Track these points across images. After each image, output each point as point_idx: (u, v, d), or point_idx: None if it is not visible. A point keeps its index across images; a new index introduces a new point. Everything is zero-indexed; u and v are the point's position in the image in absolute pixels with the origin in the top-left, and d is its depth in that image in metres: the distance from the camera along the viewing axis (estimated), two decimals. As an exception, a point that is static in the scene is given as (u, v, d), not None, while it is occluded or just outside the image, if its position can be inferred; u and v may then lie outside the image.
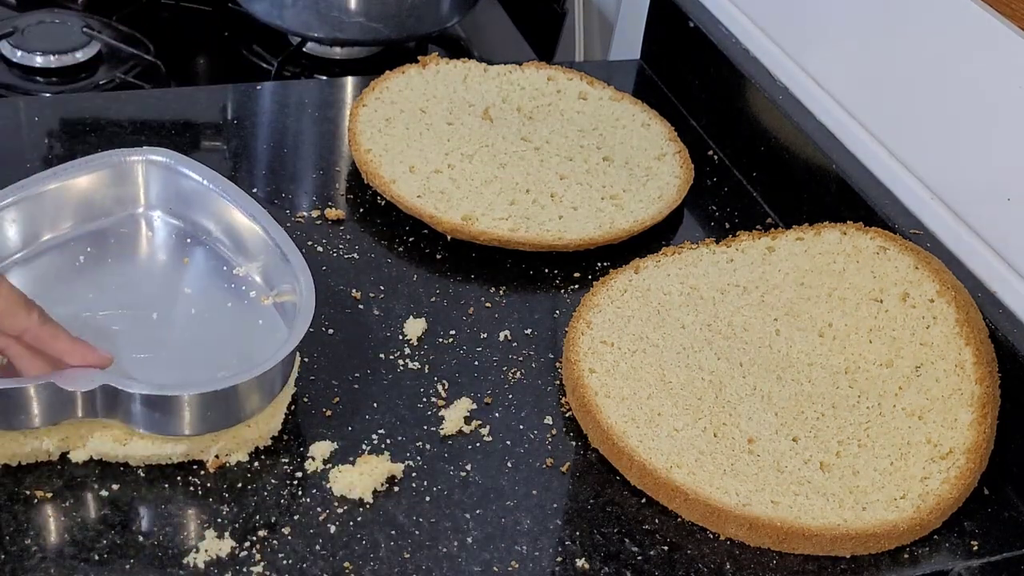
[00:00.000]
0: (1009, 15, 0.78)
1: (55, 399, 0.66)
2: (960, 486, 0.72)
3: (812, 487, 0.72)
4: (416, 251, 0.89)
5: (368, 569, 0.66)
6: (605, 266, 0.90)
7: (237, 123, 1.01)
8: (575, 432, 0.76)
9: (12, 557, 0.64)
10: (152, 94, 1.11)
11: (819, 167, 0.93)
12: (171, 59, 1.26)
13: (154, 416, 0.68)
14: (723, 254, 0.86)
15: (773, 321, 0.81)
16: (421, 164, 0.94)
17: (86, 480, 0.69)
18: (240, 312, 0.78)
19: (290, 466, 0.71)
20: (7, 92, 1.19)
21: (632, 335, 0.80)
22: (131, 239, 0.82)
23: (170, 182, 0.82)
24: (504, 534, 0.69)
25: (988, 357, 0.76)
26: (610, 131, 1.01)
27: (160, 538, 0.66)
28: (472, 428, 0.76)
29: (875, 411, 0.76)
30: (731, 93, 1.03)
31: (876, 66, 0.91)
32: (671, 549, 0.70)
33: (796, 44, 1.00)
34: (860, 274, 0.83)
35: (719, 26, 1.07)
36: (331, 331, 0.81)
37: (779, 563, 0.70)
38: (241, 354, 0.75)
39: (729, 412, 0.75)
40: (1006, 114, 0.79)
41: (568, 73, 1.07)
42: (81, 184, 0.80)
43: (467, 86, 1.04)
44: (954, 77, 0.83)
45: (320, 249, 0.88)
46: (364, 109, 0.98)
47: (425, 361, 0.80)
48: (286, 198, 0.93)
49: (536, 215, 0.90)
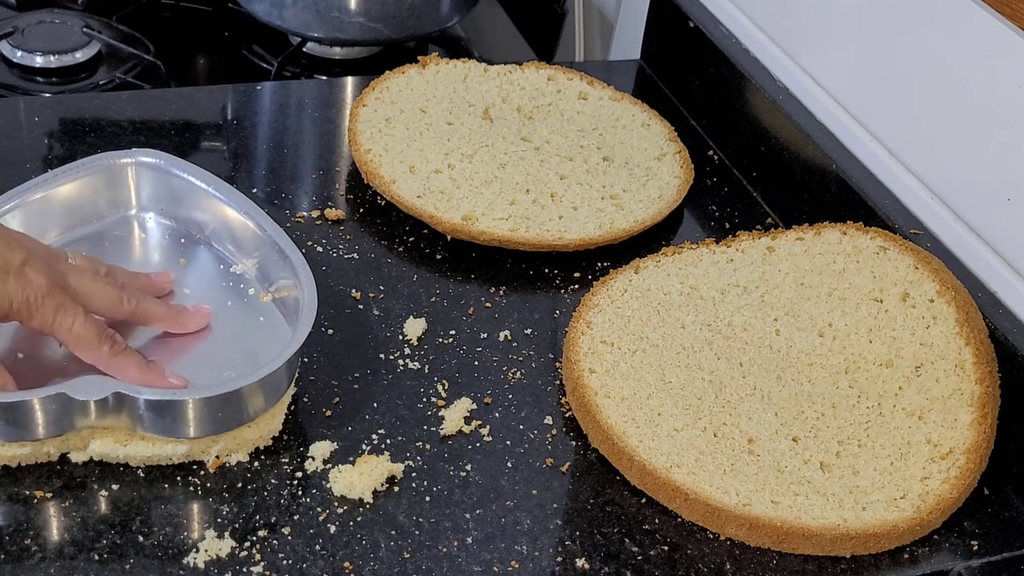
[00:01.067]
0: (1009, 15, 0.78)
1: (65, 409, 0.67)
2: (960, 486, 0.72)
3: (812, 487, 0.72)
4: (416, 251, 0.89)
5: (368, 569, 0.66)
6: (605, 266, 0.90)
7: (237, 123, 1.01)
8: (575, 432, 0.76)
9: (12, 557, 0.64)
10: (152, 94, 1.11)
11: (819, 167, 0.93)
12: (171, 59, 1.26)
13: (161, 420, 0.68)
14: (723, 254, 0.86)
15: (773, 321, 0.81)
16: (421, 164, 0.94)
17: (86, 480, 0.69)
18: (241, 310, 0.78)
19: (290, 466, 0.71)
20: (7, 92, 1.19)
21: (632, 335, 0.80)
22: (125, 241, 0.82)
23: (161, 183, 0.82)
24: (504, 534, 0.69)
25: (988, 357, 0.76)
26: (610, 131, 1.01)
27: (160, 538, 0.66)
28: (472, 428, 0.76)
29: (875, 411, 0.76)
30: (731, 93, 1.03)
31: (876, 66, 0.91)
32: (671, 549, 0.70)
33: (796, 44, 1.00)
34: (860, 274, 0.83)
35: (719, 26, 1.07)
36: (331, 331, 0.81)
37: (779, 563, 0.70)
38: (245, 352, 0.75)
39: (729, 412, 0.75)
40: (1006, 114, 0.79)
41: (568, 73, 1.07)
42: (72, 189, 0.80)
43: (467, 86, 1.04)
44: (954, 77, 0.83)
45: (320, 249, 0.88)
46: (364, 109, 0.98)
47: (425, 361, 0.80)
48: (286, 198, 0.93)
49: (536, 215, 0.90)
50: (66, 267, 0.71)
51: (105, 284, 0.72)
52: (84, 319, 0.69)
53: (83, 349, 0.69)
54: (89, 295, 0.71)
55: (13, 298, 0.67)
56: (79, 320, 0.68)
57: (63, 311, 0.68)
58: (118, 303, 0.72)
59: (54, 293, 0.68)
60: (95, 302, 0.71)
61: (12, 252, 0.67)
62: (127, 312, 0.73)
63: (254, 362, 0.73)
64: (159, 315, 0.75)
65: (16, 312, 0.67)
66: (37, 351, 0.73)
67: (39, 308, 0.67)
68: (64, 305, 0.68)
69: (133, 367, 0.70)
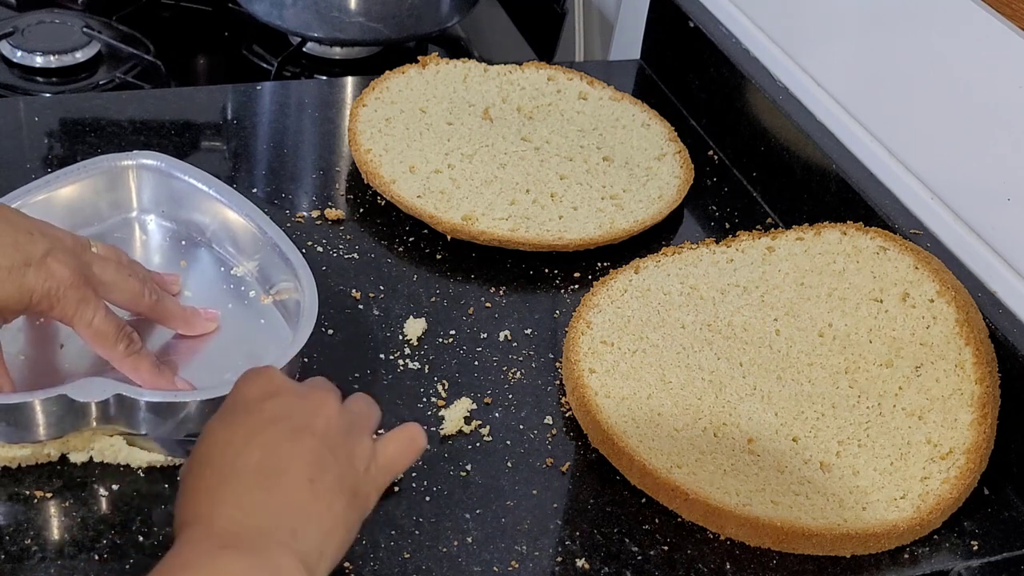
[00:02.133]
0: (1009, 15, 0.78)
1: (66, 411, 0.67)
2: (960, 486, 0.72)
3: (812, 487, 0.72)
4: (416, 251, 0.89)
5: (368, 569, 0.66)
6: (605, 266, 0.90)
7: (237, 123, 1.01)
8: (575, 432, 0.76)
9: (12, 557, 0.64)
10: (152, 94, 1.10)
11: (819, 167, 0.93)
12: (171, 59, 1.26)
13: (162, 422, 0.68)
14: (723, 254, 0.86)
15: (773, 321, 0.81)
16: (421, 164, 0.94)
17: (86, 480, 0.69)
18: (242, 312, 0.78)
19: (290, 466, 0.71)
20: (7, 92, 1.19)
21: (632, 335, 0.80)
22: (126, 244, 0.82)
23: (162, 185, 0.82)
24: (504, 534, 0.69)
25: (988, 357, 0.76)
26: (610, 131, 1.01)
27: (160, 538, 0.66)
28: (472, 428, 0.76)
29: (875, 411, 0.76)
30: (731, 93, 1.03)
31: (876, 66, 0.91)
32: (671, 549, 0.70)
33: (796, 44, 1.00)
34: (860, 274, 0.83)
35: (719, 26, 1.07)
36: (331, 331, 0.81)
37: (779, 563, 0.70)
38: (246, 354, 0.75)
39: (729, 412, 0.75)
40: (1006, 114, 0.79)
41: (568, 73, 1.07)
42: (74, 191, 0.80)
43: (467, 86, 1.04)
44: (954, 77, 0.83)
45: (320, 249, 0.88)
46: (364, 109, 0.98)
47: (425, 361, 0.80)
48: (286, 198, 0.93)
49: (536, 215, 0.90)
50: (91, 257, 0.70)
51: (128, 276, 0.72)
52: (105, 314, 0.69)
53: (100, 344, 0.69)
54: (112, 286, 0.70)
55: (34, 290, 0.66)
56: (100, 314, 0.68)
57: (85, 304, 0.68)
58: (140, 296, 0.72)
59: (77, 285, 0.67)
60: (117, 294, 0.71)
61: (34, 243, 0.67)
62: (147, 306, 0.73)
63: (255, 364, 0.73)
64: (174, 314, 0.75)
65: (36, 304, 0.67)
66: (39, 353, 0.73)
67: (61, 300, 0.67)
68: (86, 298, 0.68)
69: (145, 368, 0.70)
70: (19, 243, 0.66)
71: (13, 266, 0.66)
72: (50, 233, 0.69)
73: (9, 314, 0.67)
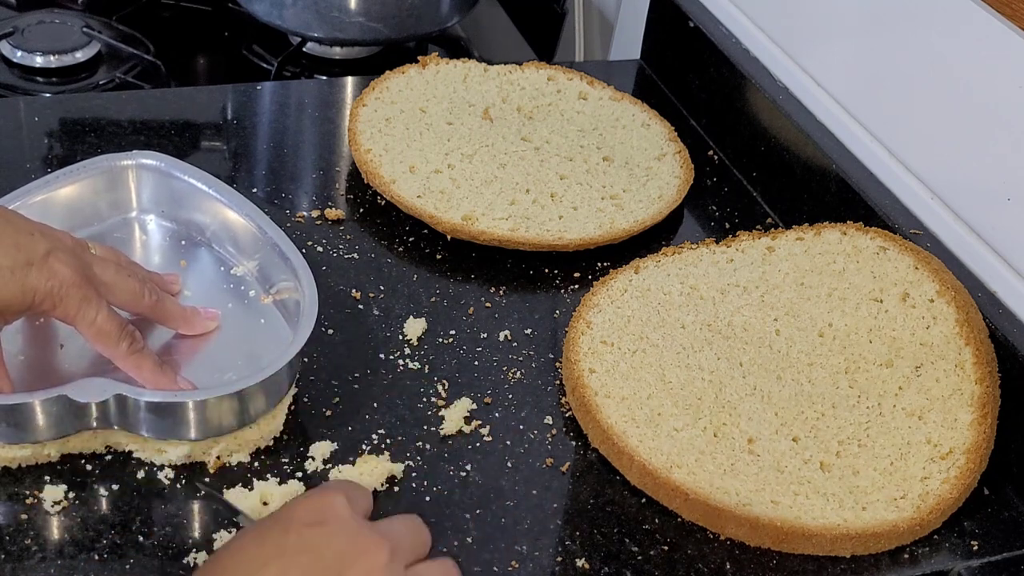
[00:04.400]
0: (1009, 15, 0.78)
1: (66, 411, 0.67)
2: (960, 486, 0.72)
3: (812, 487, 0.72)
4: (416, 251, 0.90)
5: (368, 569, 0.66)
6: (605, 266, 0.90)
7: (237, 123, 1.01)
8: (575, 432, 0.76)
9: (12, 557, 0.64)
10: (152, 94, 1.10)
11: (819, 167, 0.93)
12: (171, 59, 1.26)
13: (162, 422, 0.68)
14: (723, 254, 0.86)
15: (773, 321, 0.81)
16: (421, 164, 0.94)
17: (86, 480, 0.69)
18: (242, 312, 0.78)
19: (290, 466, 0.71)
20: (7, 92, 1.19)
21: (632, 335, 0.80)
22: (126, 244, 0.82)
23: (162, 185, 0.82)
24: (504, 534, 0.69)
25: (988, 357, 0.76)
26: (610, 131, 1.01)
27: (160, 538, 0.66)
28: (472, 428, 0.76)
29: (875, 411, 0.76)
30: (731, 93, 1.03)
31: (876, 66, 0.91)
32: (671, 549, 0.70)
33: (796, 44, 1.00)
34: (860, 274, 0.83)
35: (719, 26, 1.07)
36: (331, 331, 0.81)
37: (779, 563, 0.70)
38: (246, 354, 0.75)
39: (729, 412, 0.75)
40: (1006, 114, 0.79)
41: (568, 73, 1.07)
42: (73, 191, 0.80)
43: (467, 86, 1.04)
44: (954, 77, 0.83)
45: (320, 249, 0.88)
46: (364, 109, 0.98)
47: (425, 361, 0.80)
48: (286, 198, 0.93)
49: (536, 215, 0.90)
50: (91, 257, 0.70)
51: (128, 276, 0.72)
52: (107, 313, 0.69)
53: (102, 343, 0.69)
54: (113, 286, 0.70)
55: (37, 289, 0.66)
56: (102, 313, 0.68)
57: (87, 303, 0.68)
58: (140, 296, 0.72)
59: (79, 285, 0.67)
60: (117, 294, 0.71)
61: (35, 243, 0.67)
62: (147, 306, 0.73)
63: (255, 364, 0.73)
64: (174, 314, 0.75)
65: (39, 304, 0.67)
66: (38, 353, 0.73)
67: (63, 299, 0.67)
68: (88, 298, 0.68)
69: (147, 367, 0.70)
70: (20, 243, 0.66)
71: (15, 266, 0.66)
72: (50, 234, 0.69)
73: (11, 314, 0.67)
